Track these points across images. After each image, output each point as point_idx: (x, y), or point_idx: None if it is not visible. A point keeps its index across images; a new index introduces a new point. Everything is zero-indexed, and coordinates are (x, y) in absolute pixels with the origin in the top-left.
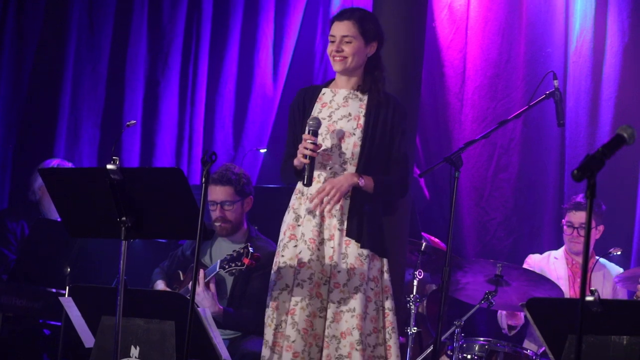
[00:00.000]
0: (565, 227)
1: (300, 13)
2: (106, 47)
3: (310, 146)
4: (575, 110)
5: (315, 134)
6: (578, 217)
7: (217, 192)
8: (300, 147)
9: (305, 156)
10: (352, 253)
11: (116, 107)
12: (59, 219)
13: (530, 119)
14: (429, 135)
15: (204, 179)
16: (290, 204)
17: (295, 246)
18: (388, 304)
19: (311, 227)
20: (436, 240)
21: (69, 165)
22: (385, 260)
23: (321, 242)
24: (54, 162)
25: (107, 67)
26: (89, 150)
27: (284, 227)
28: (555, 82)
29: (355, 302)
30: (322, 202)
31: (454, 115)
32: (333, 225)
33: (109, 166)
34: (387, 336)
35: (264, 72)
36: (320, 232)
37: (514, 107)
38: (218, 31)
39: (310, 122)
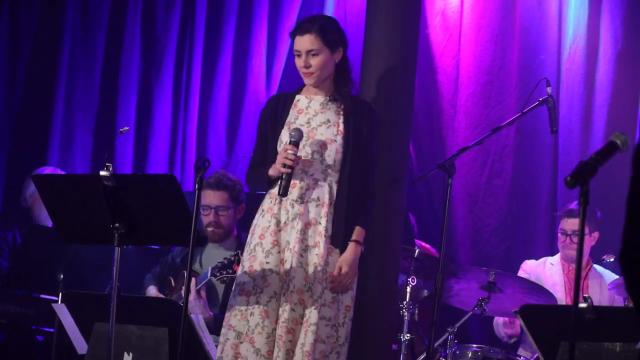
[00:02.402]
0: (559, 234)
1: (293, 20)
2: (100, 53)
3: (292, 156)
4: (569, 117)
5: (296, 144)
6: (570, 224)
7: (212, 197)
8: (280, 156)
9: (284, 165)
10: (333, 262)
11: (110, 113)
12: (50, 226)
13: (524, 125)
14: (422, 142)
15: (197, 186)
16: (265, 207)
17: (279, 252)
18: (351, 313)
19: (294, 235)
20: (428, 247)
21: (62, 173)
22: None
23: (304, 250)
24: (47, 170)
25: (100, 73)
26: (82, 156)
27: (259, 231)
28: (549, 89)
29: (331, 312)
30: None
31: (447, 122)
32: (318, 232)
33: (102, 172)
34: (347, 345)
35: (257, 79)
36: (304, 239)
37: (508, 114)
38: (211, 38)
39: (292, 133)
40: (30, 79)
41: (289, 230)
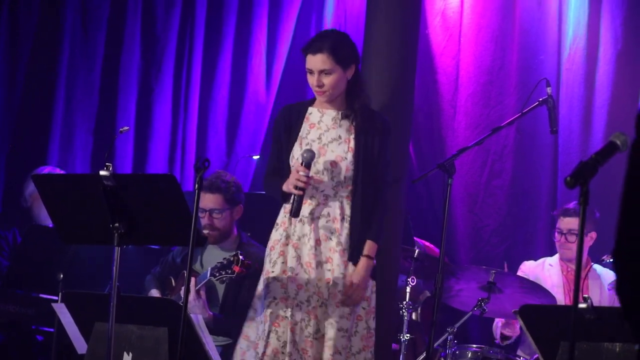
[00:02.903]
0: (555, 233)
1: (293, 20)
2: (100, 53)
3: (303, 178)
4: (568, 117)
5: (308, 166)
6: (566, 223)
7: (206, 200)
8: (292, 178)
9: (296, 187)
10: (349, 275)
11: (109, 114)
12: (50, 226)
13: (524, 126)
14: (422, 142)
15: (197, 186)
16: (279, 221)
17: (283, 263)
18: (372, 324)
19: (307, 251)
20: (429, 245)
21: (61, 172)
22: (374, 282)
23: (317, 265)
24: (45, 170)
25: (100, 74)
26: (82, 156)
27: (271, 244)
28: (548, 89)
29: (348, 323)
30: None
31: (447, 122)
32: (329, 247)
33: (102, 172)
34: (369, 355)
35: (256, 79)
36: (316, 254)
37: (507, 114)
38: (211, 38)
39: (305, 155)
40: (30, 79)
41: (301, 246)
